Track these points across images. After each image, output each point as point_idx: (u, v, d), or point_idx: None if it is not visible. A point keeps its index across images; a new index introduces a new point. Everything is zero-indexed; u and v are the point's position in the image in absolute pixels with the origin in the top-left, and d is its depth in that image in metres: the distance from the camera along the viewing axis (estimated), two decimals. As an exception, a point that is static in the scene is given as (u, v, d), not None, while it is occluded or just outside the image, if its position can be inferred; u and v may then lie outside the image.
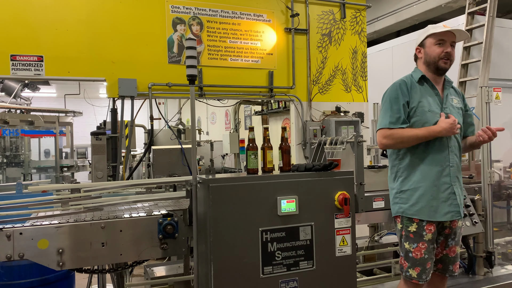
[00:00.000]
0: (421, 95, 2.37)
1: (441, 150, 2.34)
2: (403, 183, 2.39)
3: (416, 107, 2.35)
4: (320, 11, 4.86)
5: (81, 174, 7.80)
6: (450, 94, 2.45)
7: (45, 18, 3.80)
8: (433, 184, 2.32)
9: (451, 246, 2.41)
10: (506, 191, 3.65)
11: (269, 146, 2.42)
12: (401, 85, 2.38)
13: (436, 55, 2.35)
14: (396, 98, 2.35)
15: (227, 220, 2.15)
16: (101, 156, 3.21)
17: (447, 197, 2.33)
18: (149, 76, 4.12)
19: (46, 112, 7.41)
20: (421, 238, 2.31)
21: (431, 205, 2.32)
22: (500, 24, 6.80)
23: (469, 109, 2.51)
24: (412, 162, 2.37)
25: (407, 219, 2.36)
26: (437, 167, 2.33)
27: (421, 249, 2.31)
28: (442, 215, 2.32)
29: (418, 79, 2.40)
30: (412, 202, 2.34)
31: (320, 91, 4.88)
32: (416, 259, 2.31)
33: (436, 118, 2.34)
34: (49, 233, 2.36)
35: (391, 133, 2.33)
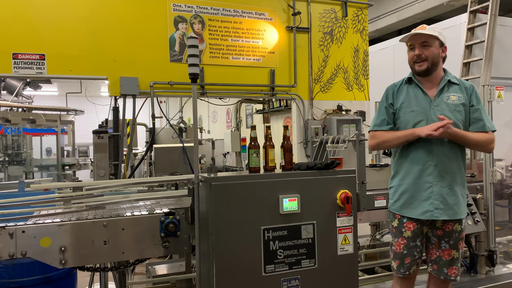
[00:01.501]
0: (406, 96, 2.44)
1: (424, 149, 2.34)
2: (392, 180, 2.53)
3: (399, 108, 2.44)
4: (322, 10, 4.85)
5: (82, 172, 7.82)
6: (449, 92, 2.40)
7: (47, 17, 3.80)
8: (414, 182, 2.37)
9: (444, 249, 2.38)
10: (508, 190, 3.65)
11: (271, 144, 2.42)
12: (388, 89, 2.52)
13: (410, 59, 2.45)
14: (383, 102, 2.51)
15: (229, 218, 2.15)
16: (103, 154, 3.22)
17: (428, 196, 2.33)
18: (151, 74, 4.12)
19: (48, 111, 7.43)
20: (400, 234, 2.41)
21: (410, 202, 2.37)
22: (502, 23, 6.78)
23: (475, 104, 2.41)
24: (399, 160, 2.47)
25: (392, 214, 2.49)
26: (419, 166, 2.35)
27: (400, 244, 2.40)
28: (420, 213, 2.34)
29: (405, 80, 2.49)
30: (395, 199, 2.45)
31: (322, 89, 4.87)
32: (396, 252, 2.42)
33: (418, 117, 2.36)
34: (52, 231, 2.37)
35: (375, 134, 2.49)
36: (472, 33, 6.77)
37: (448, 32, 7.15)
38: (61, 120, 7.44)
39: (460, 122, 2.36)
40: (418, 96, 2.41)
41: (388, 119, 2.45)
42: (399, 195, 2.42)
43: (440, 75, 2.44)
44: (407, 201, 2.38)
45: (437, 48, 2.38)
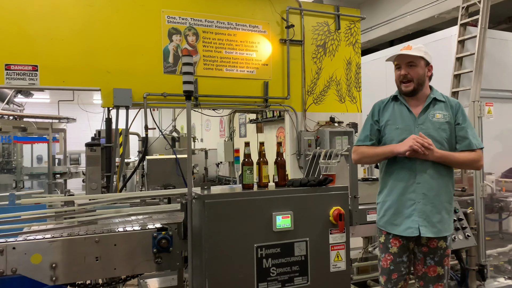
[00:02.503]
0: (392, 113, 2.47)
1: (407, 167, 2.38)
2: (378, 196, 2.57)
3: (384, 125, 2.48)
4: (315, 23, 4.90)
5: (74, 181, 7.75)
6: (435, 109, 2.43)
7: (41, 28, 3.79)
8: (397, 199, 2.40)
9: (430, 265, 2.40)
10: (498, 204, 3.69)
11: (264, 161, 2.43)
12: (374, 106, 2.57)
13: (396, 79, 2.48)
14: (369, 118, 2.56)
15: (222, 236, 2.15)
16: (95, 167, 3.20)
17: (410, 214, 2.36)
18: (144, 86, 4.12)
19: (39, 119, 7.37)
20: (387, 250, 2.43)
21: (394, 219, 2.40)
22: (492, 36, 6.89)
23: (462, 122, 2.41)
24: (385, 177, 2.51)
25: (379, 229, 2.52)
26: (402, 183, 2.39)
27: (387, 259, 2.42)
28: (403, 230, 2.37)
29: (391, 98, 2.52)
30: (381, 214, 2.49)
31: (315, 101, 4.90)
32: (383, 267, 2.44)
33: (403, 135, 2.38)
34: (43, 247, 2.35)
35: (357, 149, 2.54)
36: (463, 46, 6.88)
37: (439, 44, 7.26)
38: (53, 128, 7.39)
39: (445, 140, 2.37)
40: (404, 114, 2.44)
41: (371, 135, 2.50)
42: (384, 211, 2.47)
43: (426, 93, 2.46)
44: (391, 217, 2.42)
45: (423, 68, 2.41)
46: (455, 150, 2.40)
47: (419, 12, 7.85)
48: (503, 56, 7.17)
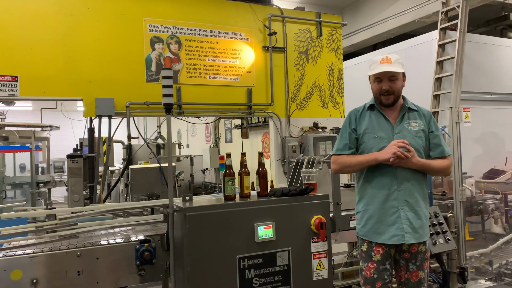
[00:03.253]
0: (369, 122, 2.48)
1: (388, 175, 2.40)
2: (358, 205, 2.53)
3: (362, 133, 2.46)
4: (297, 30, 4.94)
5: (58, 189, 7.64)
6: (409, 118, 2.49)
7: (20, 38, 3.75)
8: (380, 207, 2.40)
9: (412, 271, 2.43)
10: (477, 207, 3.77)
11: (246, 171, 2.45)
12: (350, 114, 2.55)
13: (376, 91, 2.48)
14: (345, 127, 2.53)
15: (204, 248, 2.16)
16: (77, 179, 3.17)
17: (394, 221, 2.38)
18: (127, 95, 4.10)
19: (21, 127, 7.26)
20: (370, 258, 2.40)
21: (377, 228, 2.39)
22: (471, 39, 7.05)
23: (435, 130, 2.50)
24: (363, 186, 2.47)
25: (360, 238, 2.47)
26: (384, 191, 2.40)
27: (370, 268, 2.39)
28: (388, 238, 2.37)
29: (367, 107, 2.53)
30: (362, 224, 2.45)
31: (298, 107, 4.94)
32: (366, 277, 2.40)
33: (382, 143, 2.41)
34: (23, 263, 2.32)
35: (337, 158, 2.49)
36: (443, 49, 7.01)
37: (421, 48, 7.39)
38: (36, 136, 7.28)
39: (421, 148, 2.44)
40: (381, 122, 2.48)
41: (350, 144, 2.47)
42: (366, 220, 2.43)
43: (401, 103, 2.52)
44: (374, 226, 2.40)
45: (401, 80, 2.47)
46: (428, 157, 2.46)
47: (400, 17, 7.98)
48: (482, 59, 7.33)
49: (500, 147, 7.28)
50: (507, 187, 6.46)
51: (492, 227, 6.16)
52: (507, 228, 4.89)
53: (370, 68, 2.49)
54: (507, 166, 6.82)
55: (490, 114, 7.25)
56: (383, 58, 2.43)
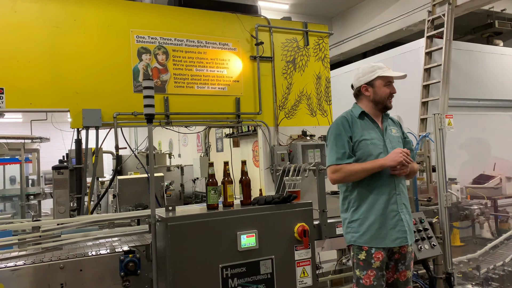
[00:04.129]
0: (362, 129, 2.51)
1: (387, 180, 2.45)
2: (354, 213, 2.48)
3: (358, 140, 2.47)
4: (284, 39, 5.00)
5: (48, 201, 7.56)
6: (389, 125, 2.61)
7: (6, 50, 3.75)
8: (381, 213, 2.42)
9: (401, 271, 2.50)
10: (463, 212, 3.80)
11: (229, 180, 2.46)
12: (342, 122, 2.51)
13: (386, 95, 2.53)
14: (339, 135, 2.48)
15: (186, 258, 2.16)
16: (63, 190, 3.17)
17: (395, 224, 2.43)
18: (114, 105, 4.11)
19: (11, 139, 7.21)
20: (369, 266, 2.40)
21: (379, 233, 2.41)
22: (457, 47, 7.16)
23: (407, 136, 2.70)
24: (361, 193, 2.46)
25: (357, 247, 2.45)
26: (385, 196, 2.44)
27: (370, 276, 2.39)
28: (391, 241, 2.42)
29: (358, 114, 2.54)
30: (362, 232, 2.43)
31: (287, 116, 4.98)
32: (366, 285, 2.39)
33: (378, 149, 2.47)
34: (5, 276, 2.30)
35: (340, 168, 2.43)
36: (430, 57, 7.11)
37: (408, 55, 7.49)
38: (26, 148, 7.24)
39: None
40: (372, 129, 2.53)
41: (349, 152, 2.45)
42: (367, 227, 2.41)
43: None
44: (376, 232, 2.40)
45: None
46: None
47: (388, 25, 8.10)
48: (469, 66, 7.44)
49: (488, 152, 7.36)
50: (496, 192, 6.52)
51: (483, 233, 6.20)
52: (495, 233, 4.92)
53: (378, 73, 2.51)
54: (496, 171, 6.89)
55: (478, 120, 7.34)
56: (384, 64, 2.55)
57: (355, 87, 2.62)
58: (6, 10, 3.77)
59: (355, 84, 2.62)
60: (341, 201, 2.60)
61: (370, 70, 2.54)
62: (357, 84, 2.60)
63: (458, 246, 6.27)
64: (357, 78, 2.60)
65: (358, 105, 2.61)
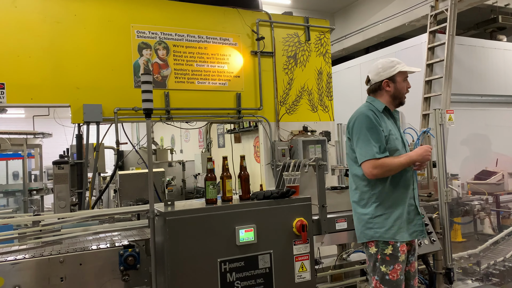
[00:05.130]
0: (387, 124, 2.48)
1: (409, 174, 2.47)
2: (377, 208, 2.39)
3: (388, 135, 2.41)
4: (285, 34, 4.98)
5: (50, 197, 7.59)
6: (398, 120, 2.61)
7: (6, 46, 3.76)
8: (405, 207, 2.43)
9: (412, 262, 2.53)
10: (464, 208, 3.79)
11: (228, 175, 2.46)
12: (373, 115, 2.41)
13: (405, 91, 2.52)
14: (373, 128, 2.37)
15: (184, 252, 2.16)
16: (63, 185, 3.18)
17: (413, 217, 2.45)
18: (115, 100, 4.12)
19: (14, 135, 7.24)
20: (396, 260, 2.37)
21: (401, 227, 2.40)
22: (460, 42, 7.11)
23: None
24: (386, 188, 2.39)
25: (383, 242, 2.37)
26: (408, 191, 2.45)
27: (397, 270, 2.36)
28: (409, 235, 2.42)
29: (382, 109, 2.48)
30: (388, 226, 2.37)
31: (288, 111, 4.97)
32: (393, 281, 2.35)
33: (401, 144, 2.48)
34: (5, 270, 2.32)
35: (381, 163, 2.33)
36: (433, 52, 7.07)
37: (411, 51, 7.45)
38: (28, 144, 7.27)
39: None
40: (393, 124, 2.53)
41: (384, 146, 2.38)
42: (393, 222, 2.37)
43: None
44: (402, 226, 2.39)
45: None
46: None
47: (391, 21, 8.05)
48: (472, 62, 7.40)
49: (490, 148, 7.32)
50: (498, 188, 6.50)
51: (485, 229, 6.19)
52: (496, 228, 4.91)
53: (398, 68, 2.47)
54: (498, 167, 6.86)
55: (480, 116, 7.31)
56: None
57: (374, 82, 2.52)
58: (7, 5, 3.78)
59: (374, 78, 2.51)
60: (358, 196, 2.48)
61: (391, 65, 2.48)
62: (378, 79, 2.50)
63: (459, 242, 6.27)
64: (376, 73, 2.50)
65: (377, 100, 2.52)
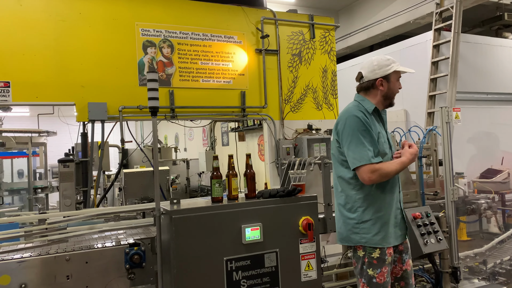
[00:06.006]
0: (376, 126, 2.39)
1: (395, 179, 2.43)
2: (364, 214, 2.34)
3: (377, 138, 2.34)
4: (289, 32, 4.96)
5: (55, 195, 7.61)
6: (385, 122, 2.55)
7: (12, 44, 3.76)
8: (392, 211, 2.40)
9: (406, 260, 2.51)
10: (470, 206, 3.76)
11: (233, 173, 2.45)
12: (363, 117, 2.32)
13: (396, 90, 2.44)
14: (366, 130, 2.29)
15: (190, 251, 2.16)
16: (69, 183, 3.18)
17: (399, 221, 2.44)
18: (120, 99, 4.11)
19: (18, 133, 7.27)
20: (383, 263, 2.34)
21: (391, 231, 2.38)
22: (465, 39, 7.07)
23: None
24: (373, 192, 2.34)
25: (369, 247, 2.34)
26: (394, 194, 2.42)
27: (383, 273, 2.35)
28: (395, 239, 2.40)
29: (372, 110, 2.39)
30: (375, 232, 2.32)
31: (292, 109, 4.95)
32: (380, 284, 2.33)
33: (388, 147, 2.43)
34: (11, 268, 2.32)
35: (379, 167, 2.25)
36: (438, 50, 7.03)
37: (416, 49, 7.41)
38: (33, 142, 7.29)
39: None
40: (381, 126, 2.47)
41: (377, 149, 2.31)
42: (380, 227, 2.32)
43: None
44: (389, 230, 2.34)
45: None
46: None
47: (395, 18, 8.01)
48: (477, 59, 7.35)
49: (496, 146, 7.28)
50: (504, 187, 6.46)
51: (490, 227, 6.15)
52: (502, 227, 4.88)
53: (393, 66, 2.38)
54: (504, 165, 6.82)
55: (486, 114, 7.26)
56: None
57: (368, 79, 2.40)
58: (11, 3, 3.78)
59: (368, 76, 2.40)
60: (343, 200, 2.41)
61: (387, 63, 2.37)
62: (372, 76, 2.38)
63: (464, 241, 6.24)
64: (371, 70, 2.39)
65: (367, 99, 2.42)
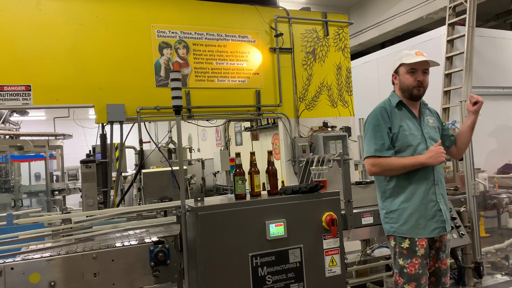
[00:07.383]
0: (400, 120, 2.45)
1: (427, 170, 2.42)
2: (392, 204, 2.45)
3: (398, 132, 2.41)
4: (303, 30, 4.97)
5: (72, 197, 7.76)
6: (426, 115, 2.55)
7: (32, 48, 3.84)
8: (420, 202, 2.40)
9: (442, 259, 2.49)
10: (491, 201, 3.72)
11: (255, 170, 2.46)
12: (381, 112, 2.44)
13: (410, 83, 2.44)
14: (378, 125, 2.42)
15: (216, 247, 2.18)
16: (91, 184, 3.24)
17: (434, 214, 2.41)
18: (137, 100, 4.17)
19: (35, 136, 7.40)
20: (414, 254, 2.37)
21: (419, 223, 2.38)
22: (480, 34, 6.98)
23: (445, 124, 2.67)
24: (400, 183, 2.42)
25: (398, 237, 2.42)
26: (424, 186, 2.41)
27: (414, 264, 2.36)
28: (430, 232, 2.39)
29: (396, 104, 2.47)
30: (402, 222, 2.40)
31: (307, 107, 4.96)
32: (411, 274, 2.36)
33: (417, 140, 2.42)
34: (41, 266, 2.37)
35: (379, 161, 2.39)
36: (452, 45, 6.95)
37: (429, 44, 7.34)
38: (49, 145, 7.42)
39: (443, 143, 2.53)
40: (409, 119, 2.48)
41: (388, 144, 2.39)
42: (407, 217, 2.39)
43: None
44: (416, 222, 2.38)
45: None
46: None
47: (407, 14, 7.94)
48: (492, 53, 7.25)
49: (513, 141, 7.17)
50: (522, 182, 6.36)
51: (509, 223, 6.06)
52: (523, 222, 4.80)
53: (403, 60, 2.45)
54: (522, 160, 6.71)
55: (502, 109, 7.16)
56: (416, 51, 2.45)
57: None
58: (31, 9, 3.86)
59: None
60: (377, 190, 2.56)
61: (398, 57, 2.49)
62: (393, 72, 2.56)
63: (483, 237, 6.16)
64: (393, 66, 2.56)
65: (395, 94, 2.54)
